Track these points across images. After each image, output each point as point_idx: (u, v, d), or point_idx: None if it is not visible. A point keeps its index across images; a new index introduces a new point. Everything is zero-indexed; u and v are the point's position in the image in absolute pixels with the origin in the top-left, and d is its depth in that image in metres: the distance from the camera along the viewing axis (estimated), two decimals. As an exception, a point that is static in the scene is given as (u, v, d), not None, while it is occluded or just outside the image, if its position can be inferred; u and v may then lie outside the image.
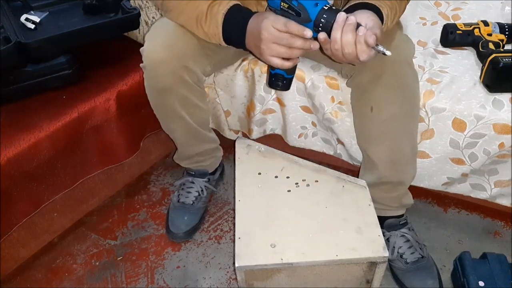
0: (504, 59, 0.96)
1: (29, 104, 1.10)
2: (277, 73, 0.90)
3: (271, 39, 0.81)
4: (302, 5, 0.77)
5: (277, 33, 0.80)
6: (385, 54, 0.75)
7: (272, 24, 0.80)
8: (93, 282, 1.15)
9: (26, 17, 1.12)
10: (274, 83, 0.92)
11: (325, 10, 0.77)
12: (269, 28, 0.80)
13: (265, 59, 0.85)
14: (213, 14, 0.88)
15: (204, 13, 0.89)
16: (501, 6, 1.29)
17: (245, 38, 0.87)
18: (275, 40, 0.81)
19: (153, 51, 0.96)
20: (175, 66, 0.95)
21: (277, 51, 0.82)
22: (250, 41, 0.86)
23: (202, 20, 0.89)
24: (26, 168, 1.03)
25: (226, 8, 0.87)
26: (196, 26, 0.91)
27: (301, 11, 0.77)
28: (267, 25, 0.80)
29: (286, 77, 0.90)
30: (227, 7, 0.87)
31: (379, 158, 1.02)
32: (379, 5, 0.84)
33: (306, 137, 1.26)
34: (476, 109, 0.99)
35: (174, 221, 1.24)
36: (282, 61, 0.83)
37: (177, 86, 0.99)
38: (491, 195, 1.13)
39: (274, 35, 0.80)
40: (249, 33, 0.86)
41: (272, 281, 0.93)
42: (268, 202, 0.99)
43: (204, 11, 0.88)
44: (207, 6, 0.88)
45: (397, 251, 1.07)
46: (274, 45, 0.81)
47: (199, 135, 1.15)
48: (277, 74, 0.90)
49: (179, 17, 0.94)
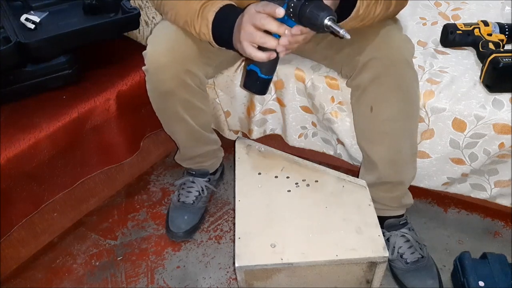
0: (504, 59, 0.96)
1: (29, 104, 1.10)
2: (251, 69, 0.84)
3: (248, 20, 0.80)
4: None
5: (255, 13, 0.79)
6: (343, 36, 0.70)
7: (254, 7, 0.79)
8: (93, 282, 1.15)
9: (26, 17, 1.12)
10: (248, 83, 0.86)
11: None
12: (250, 9, 0.80)
13: (241, 48, 0.82)
14: (204, 14, 0.88)
15: (197, 13, 0.88)
16: (501, 6, 1.29)
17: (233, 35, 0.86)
18: (252, 21, 0.79)
19: (155, 55, 0.96)
20: (177, 70, 0.96)
21: (251, 35, 0.79)
22: (236, 36, 0.84)
23: (194, 20, 0.89)
24: (26, 168, 1.03)
25: (218, 7, 0.87)
26: (189, 26, 0.91)
27: None
28: (249, 8, 0.80)
29: (260, 76, 0.84)
30: (219, 6, 0.87)
31: (379, 158, 1.02)
32: None
33: (306, 137, 1.26)
34: (476, 109, 0.99)
35: (174, 221, 1.24)
36: (256, 50, 0.80)
37: (179, 90, 0.99)
38: (491, 195, 1.13)
39: (252, 15, 0.79)
40: (236, 27, 0.84)
41: (272, 281, 0.93)
42: (268, 202, 0.99)
43: (197, 10, 0.88)
44: (200, 6, 0.88)
45: (397, 251, 1.08)
46: (250, 27, 0.79)
47: (201, 137, 1.15)
48: (251, 71, 0.84)
49: (176, 18, 0.94)
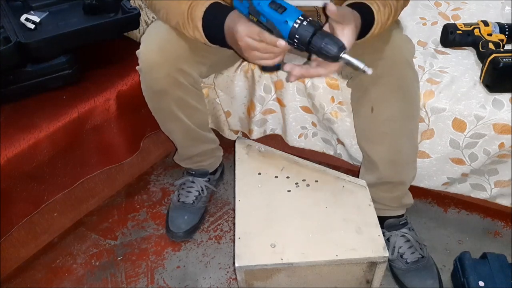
0: (504, 59, 0.96)
1: (29, 104, 1.10)
2: None
3: (249, 48, 0.79)
4: (272, 22, 0.73)
5: (253, 43, 0.78)
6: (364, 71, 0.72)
7: (246, 34, 0.78)
8: (93, 282, 1.15)
9: (26, 17, 1.12)
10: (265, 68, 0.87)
11: (297, 28, 0.71)
12: (245, 38, 0.78)
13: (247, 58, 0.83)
14: (192, 18, 0.87)
15: (186, 17, 0.87)
16: (501, 6, 1.30)
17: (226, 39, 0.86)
18: (254, 49, 0.79)
19: (147, 54, 0.96)
20: (169, 69, 0.95)
21: (259, 57, 0.80)
22: (231, 43, 0.85)
23: (186, 24, 0.88)
24: (26, 168, 1.03)
25: (202, 11, 0.85)
26: (182, 29, 0.90)
27: (273, 29, 0.73)
28: (241, 36, 0.78)
29: None
30: (203, 10, 0.85)
31: (379, 158, 1.02)
32: (369, 3, 0.82)
33: (306, 137, 1.26)
34: (476, 109, 0.99)
35: (174, 221, 1.24)
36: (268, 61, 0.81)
37: (172, 89, 0.99)
38: (491, 195, 1.13)
39: (251, 45, 0.78)
40: (227, 36, 0.84)
41: (272, 281, 0.93)
42: (268, 202, 0.99)
43: (185, 14, 0.87)
44: (187, 8, 0.87)
45: (397, 251, 1.08)
46: (254, 52, 0.80)
47: (198, 136, 1.15)
48: None
49: (167, 17, 0.93)
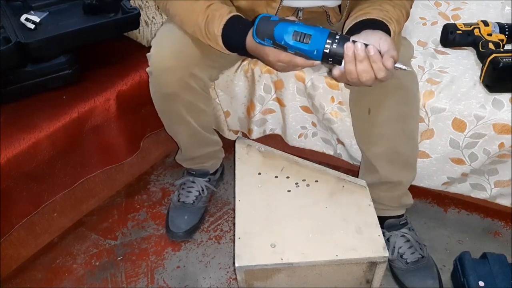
0: (504, 59, 0.96)
1: (29, 104, 1.10)
2: None
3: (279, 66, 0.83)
4: (302, 53, 0.74)
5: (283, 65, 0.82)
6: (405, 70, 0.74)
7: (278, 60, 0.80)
8: (93, 282, 1.15)
9: (26, 17, 1.12)
10: None
11: (328, 53, 0.72)
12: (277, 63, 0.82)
13: None
14: (211, 33, 0.88)
15: (204, 32, 0.89)
16: (501, 6, 1.29)
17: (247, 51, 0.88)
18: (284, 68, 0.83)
19: (160, 58, 0.96)
20: (182, 74, 0.96)
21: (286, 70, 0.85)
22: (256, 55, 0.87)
23: (205, 37, 0.90)
24: (26, 168, 1.03)
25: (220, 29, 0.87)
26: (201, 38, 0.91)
27: (304, 57, 0.75)
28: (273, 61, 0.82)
29: None
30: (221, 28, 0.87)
31: (379, 159, 1.02)
32: (387, 22, 0.83)
33: (306, 137, 1.26)
34: (476, 109, 0.99)
35: (174, 220, 1.24)
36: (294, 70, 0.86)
37: (183, 93, 0.99)
38: (491, 195, 1.12)
39: (281, 66, 0.82)
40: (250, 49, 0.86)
41: (272, 281, 0.93)
42: (268, 202, 0.99)
43: (203, 30, 0.89)
44: (204, 24, 0.88)
45: (397, 251, 1.08)
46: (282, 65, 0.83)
47: (203, 138, 1.15)
48: None
49: (182, 25, 0.94)
